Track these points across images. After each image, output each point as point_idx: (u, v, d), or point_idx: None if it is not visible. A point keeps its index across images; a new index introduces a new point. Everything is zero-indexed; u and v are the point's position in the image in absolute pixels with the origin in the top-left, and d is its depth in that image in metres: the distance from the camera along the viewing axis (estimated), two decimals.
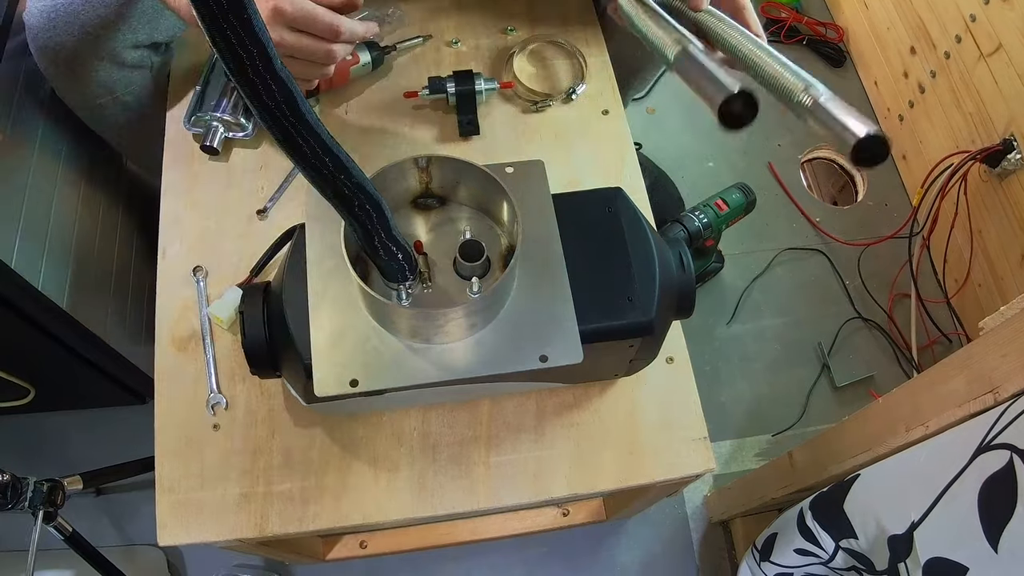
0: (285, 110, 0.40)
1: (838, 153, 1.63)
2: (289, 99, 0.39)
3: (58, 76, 0.84)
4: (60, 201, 0.99)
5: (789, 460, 0.96)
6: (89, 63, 0.81)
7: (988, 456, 0.56)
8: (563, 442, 0.70)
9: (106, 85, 0.85)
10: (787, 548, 0.89)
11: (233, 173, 0.81)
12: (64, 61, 0.81)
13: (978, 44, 1.28)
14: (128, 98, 0.87)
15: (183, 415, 0.69)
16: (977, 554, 0.55)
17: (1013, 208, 1.25)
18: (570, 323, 0.56)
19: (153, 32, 0.82)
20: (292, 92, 0.39)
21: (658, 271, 0.61)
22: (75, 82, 0.84)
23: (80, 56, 0.80)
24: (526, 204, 0.60)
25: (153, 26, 0.81)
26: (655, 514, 1.26)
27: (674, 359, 0.73)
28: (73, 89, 0.85)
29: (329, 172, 0.44)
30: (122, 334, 1.13)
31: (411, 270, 0.54)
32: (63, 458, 1.27)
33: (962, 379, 0.64)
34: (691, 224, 1.25)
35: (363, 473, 0.68)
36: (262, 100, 0.39)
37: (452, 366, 0.56)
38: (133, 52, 0.83)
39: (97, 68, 0.82)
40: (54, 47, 0.80)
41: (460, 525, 1.12)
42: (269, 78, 0.38)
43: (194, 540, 0.65)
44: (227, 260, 0.76)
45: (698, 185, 1.56)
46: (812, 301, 1.46)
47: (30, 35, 0.81)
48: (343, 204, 0.47)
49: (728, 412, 1.35)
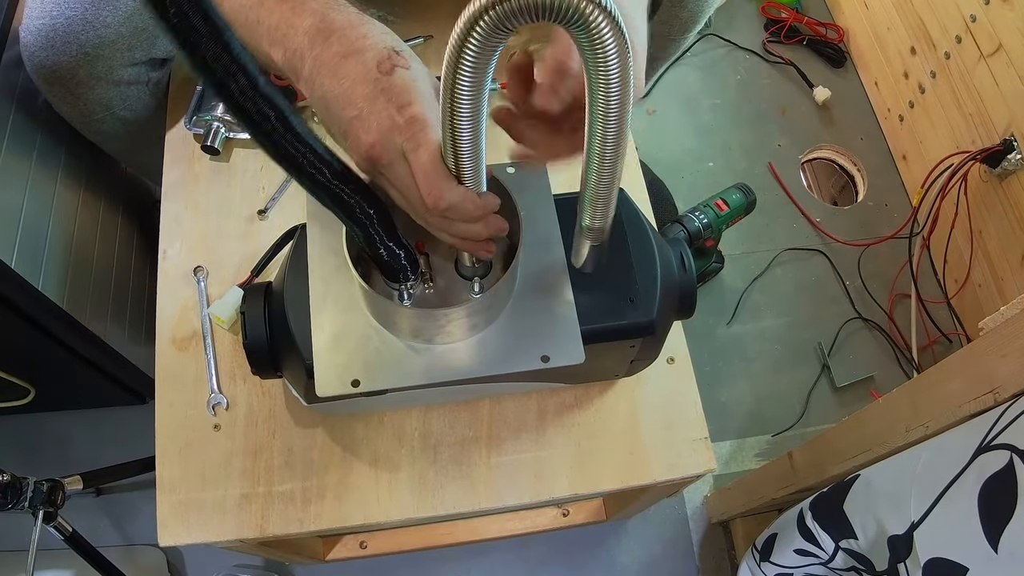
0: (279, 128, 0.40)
1: (839, 154, 1.63)
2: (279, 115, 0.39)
3: (54, 94, 0.83)
4: (60, 201, 0.99)
5: (789, 460, 0.96)
6: (86, 82, 0.80)
7: (988, 456, 0.56)
8: (564, 442, 0.70)
9: (103, 103, 0.84)
10: (787, 548, 0.89)
11: (234, 173, 0.81)
12: (61, 81, 0.80)
13: (978, 44, 1.28)
14: (126, 114, 0.87)
15: (183, 415, 0.69)
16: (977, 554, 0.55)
17: (1013, 208, 1.25)
18: (571, 323, 0.56)
19: (151, 49, 0.81)
20: (280, 108, 0.39)
21: (659, 271, 0.61)
22: (72, 100, 0.83)
23: (77, 76, 0.79)
24: (528, 204, 0.60)
25: (151, 44, 0.81)
26: (655, 514, 1.26)
27: (675, 359, 0.73)
28: (69, 105, 0.84)
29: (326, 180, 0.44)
30: (122, 334, 1.13)
31: (413, 270, 0.54)
32: (63, 458, 1.26)
33: (962, 379, 0.64)
34: (691, 224, 1.25)
35: (364, 473, 0.68)
36: (251, 119, 0.39)
37: (453, 366, 0.56)
38: (131, 70, 0.82)
39: (94, 87, 0.81)
40: (51, 66, 0.78)
41: (460, 525, 1.12)
42: (256, 98, 0.38)
43: (194, 540, 0.65)
44: (228, 260, 0.76)
45: (698, 186, 1.56)
46: (812, 301, 1.46)
47: (25, 53, 0.79)
48: (344, 210, 0.47)
49: (728, 412, 1.35)
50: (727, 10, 1.77)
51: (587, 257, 0.54)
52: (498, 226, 0.50)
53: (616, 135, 0.41)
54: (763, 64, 1.72)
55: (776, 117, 1.65)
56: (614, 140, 0.41)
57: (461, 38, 0.36)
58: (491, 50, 0.36)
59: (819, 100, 1.65)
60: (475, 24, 0.35)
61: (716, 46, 1.74)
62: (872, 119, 1.66)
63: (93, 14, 0.76)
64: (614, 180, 0.45)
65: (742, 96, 1.68)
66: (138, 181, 1.24)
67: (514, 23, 0.34)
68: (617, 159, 0.43)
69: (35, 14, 0.78)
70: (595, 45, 0.35)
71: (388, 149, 0.45)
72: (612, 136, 0.41)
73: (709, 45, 1.74)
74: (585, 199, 0.47)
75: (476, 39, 0.35)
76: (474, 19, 0.34)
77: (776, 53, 1.72)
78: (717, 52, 1.73)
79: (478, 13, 0.34)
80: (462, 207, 0.46)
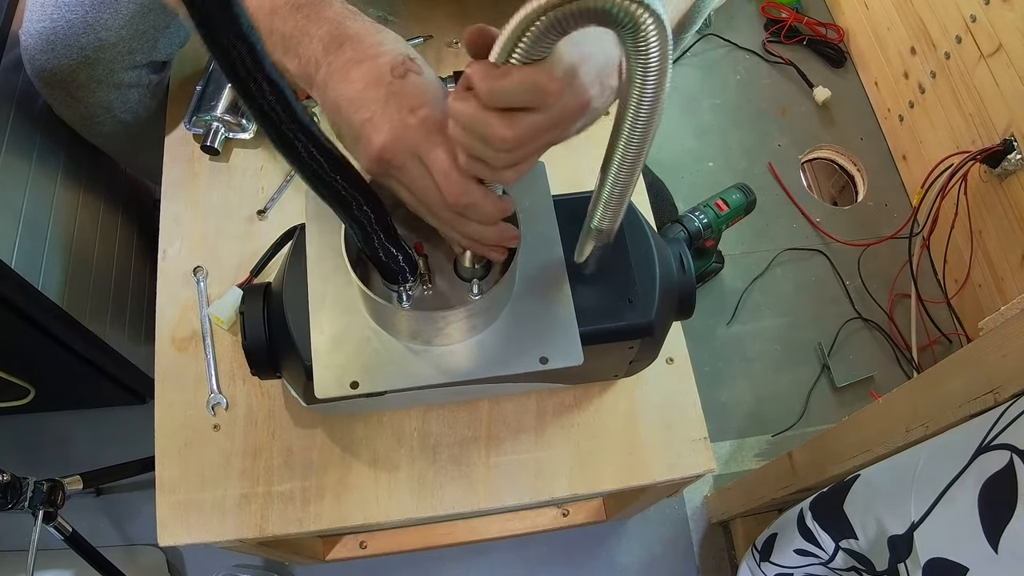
0: (280, 112, 0.40)
1: (839, 154, 1.63)
2: (282, 101, 0.39)
3: (55, 98, 0.83)
4: (60, 201, 0.99)
5: (789, 460, 0.96)
6: (87, 85, 0.81)
7: (988, 456, 0.56)
8: (563, 442, 0.70)
9: (104, 105, 0.84)
10: (787, 548, 0.89)
11: (233, 173, 0.81)
12: (61, 84, 0.80)
13: (978, 44, 1.28)
14: (126, 116, 0.87)
15: (183, 415, 0.69)
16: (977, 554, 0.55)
17: (1013, 208, 1.25)
18: (570, 325, 0.56)
19: (152, 52, 0.81)
20: (285, 94, 0.39)
21: (658, 272, 0.61)
22: (72, 103, 0.83)
23: (78, 79, 0.79)
24: (527, 206, 0.60)
25: (152, 47, 0.81)
26: (655, 514, 1.26)
27: (674, 360, 0.73)
28: (71, 109, 0.84)
29: (326, 174, 0.44)
30: (122, 334, 1.13)
31: (411, 272, 0.54)
32: (63, 458, 1.27)
33: (962, 379, 0.64)
34: (691, 224, 1.25)
35: (363, 473, 0.68)
36: (255, 101, 0.39)
37: (452, 368, 0.56)
38: (131, 72, 0.82)
39: (95, 90, 0.81)
40: (52, 70, 0.78)
41: (460, 525, 1.12)
42: (260, 77, 0.38)
43: (194, 540, 0.65)
44: (227, 260, 0.76)
45: (698, 186, 1.56)
46: (812, 301, 1.46)
47: (26, 56, 0.79)
48: (342, 207, 0.47)
49: (728, 412, 1.35)
50: (727, 10, 1.77)
51: (590, 257, 0.54)
52: (510, 235, 0.50)
53: (640, 142, 0.41)
54: (763, 64, 1.72)
55: (776, 117, 1.65)
56: (637, 147, 0.42)
57: (515, 35, 0.36)
58: (544, 49, 0.38)
59: (819, 100, 1.65)
60: (531, 23, 0.35)
61: (716, 46, 1.74)
62: (872, 119, 1.66)
63: (94, 17, 0.76)
64: (631, 185, 0.45)
65: (742, 96, 1.68)
66: (138, 181, 1.24)
67: (570, 26, 0.35)
68: (638, 164, 0.43)
69: (35, 17, 0.78)
70: (639, 48, 0.36)
71: (400, 150, 0.45)
72: (636, 144, 0.41)
73: (709, 45, 1.74)
74: (599, 201, 0.47)
75: (528, 39, 0.36)
76: (532, 18, 0.35)
77: (776, 53, 1.72)
78: (717, 52, 1.73)
79: (536, 13, 0.35)
80: (482, 206, 0.46)
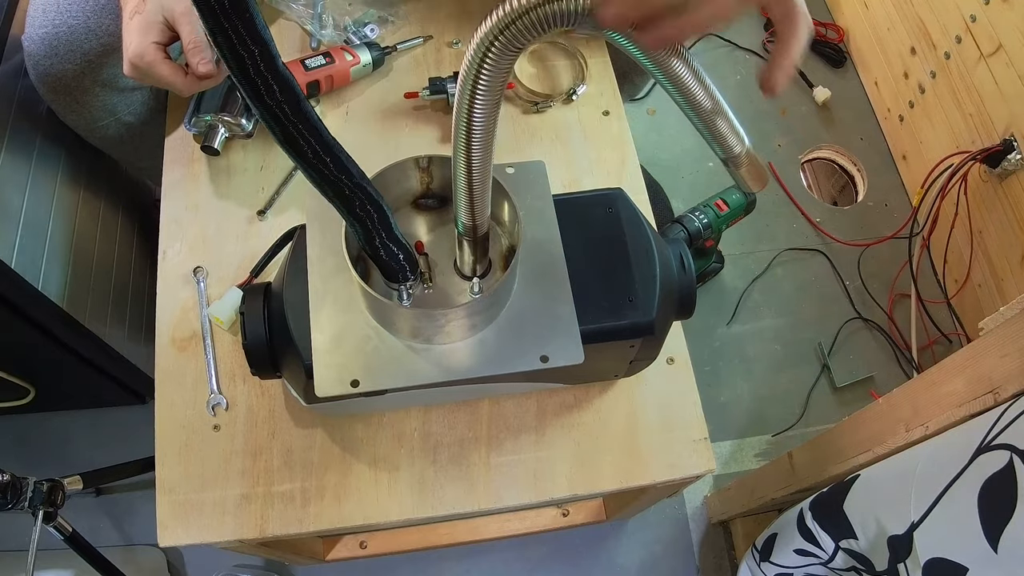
0: (286, 110, 0.40)
1: (839, 154, 1.63)
2: (291, 98, 0.39)
3: (59, 103, 0.83)
4: (60, 202, 0.99)
5: (789, 460, 0.96)
6: (91, 90, 0.81)
7: (988, 456, 0.56)
8: (563, 443, 0.70)
9: (107, 108, 0.84)
10: (787, 548, 0.89)
11: (233, 174, 0.81)
12: (65, 88, 0.80)
13: (978, 45, 1.28)
14: (130, 119, 0.87)
15: (183, 416, 0.69)
16: (977, 554, 0.55)
17: (1013, 208, 1.25)
18: (571, 323, 0.56)
19: None
20: (294, 91, 0.39)
21: (659, 272, 0.61)
22: (76, 107, 0.83)
23: (82, 84, 0.80)
24: (527, 205, 0.60)
25: None
26: (655, 514, 1.26)
27: (674, 360, 0.73)
28: (75, 113, 0.84)
29: (330, 172, 0.44)
30: (122, 334, 1.13)
31: (412, 270, 0.54)
32: (63, 458, 1.27)
33: (962, 379, 0.64)
34: (691, 224, 1.25)
35: (363, 474, 0.68)
36: (263, 100, 0.39)
37: (453, 366, 0.56)
38: None
39: (99, 94, 0.81)
40: (55, 74, 0.78)
41: (460, 525, 1.12)
42: (271, 77, 0.38)
43: (194, 541, 0.65)
44: (227, 261, 0.76)
45: (698, 186, 1.56)
46: (812, 301, 1.46)
47: (29, 62, 0.79)
48: (344, 204, 0.47)
49: (728, 412, 1.35)
50: None
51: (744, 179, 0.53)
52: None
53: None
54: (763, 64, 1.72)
55: (776, 117, 1.65)
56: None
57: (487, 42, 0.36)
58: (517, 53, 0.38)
59: (819, 100, 1.65)
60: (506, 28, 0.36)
61: (716, 46, 1.74)
62: (872, 119, 1.66)
63: (96, 22, 0.76)
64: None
65: (742, 96, 1.68)
66: (138, 181, 1.24)
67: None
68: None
69: (38, 23, 0.78)
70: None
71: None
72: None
73: (709, 45, 1.74)
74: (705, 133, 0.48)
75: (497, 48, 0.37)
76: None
77: None
78: (717, 52, 1.73)
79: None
80: None
